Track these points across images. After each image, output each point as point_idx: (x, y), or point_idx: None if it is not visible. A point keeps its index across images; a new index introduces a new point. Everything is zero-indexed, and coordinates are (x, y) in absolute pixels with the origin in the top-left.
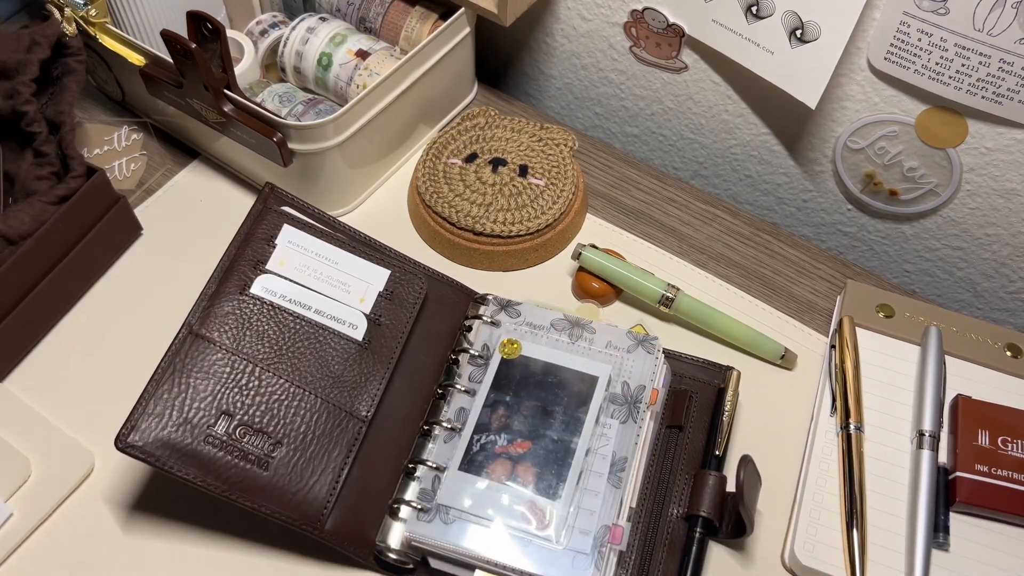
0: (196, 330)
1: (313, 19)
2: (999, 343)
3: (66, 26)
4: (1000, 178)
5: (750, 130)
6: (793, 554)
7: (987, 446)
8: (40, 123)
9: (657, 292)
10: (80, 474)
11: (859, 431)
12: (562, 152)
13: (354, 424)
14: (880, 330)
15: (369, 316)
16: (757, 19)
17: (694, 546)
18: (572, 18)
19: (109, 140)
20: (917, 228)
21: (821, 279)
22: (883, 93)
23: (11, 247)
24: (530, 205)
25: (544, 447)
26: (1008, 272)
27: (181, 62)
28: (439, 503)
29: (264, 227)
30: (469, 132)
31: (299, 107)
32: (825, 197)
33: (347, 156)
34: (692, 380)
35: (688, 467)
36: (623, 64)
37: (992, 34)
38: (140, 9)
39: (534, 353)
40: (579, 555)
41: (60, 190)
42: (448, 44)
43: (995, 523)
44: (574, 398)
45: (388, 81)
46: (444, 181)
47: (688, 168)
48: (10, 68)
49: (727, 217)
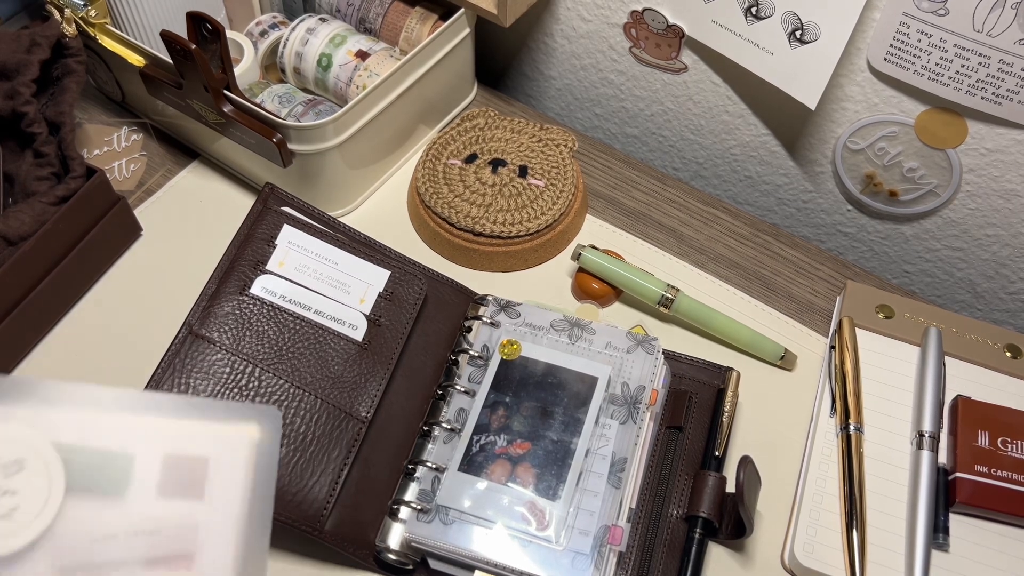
0: (196, 330)
1: (313, 20)
2: (999, 344)
3: (66, 27)
4: (1000, 179)
5: (750, 131)
6: (793, 555)
7: (987, 447)
8: (40, 124)
9: (657, 293)
10: None
11: (859, 432)
12: (562, 153)
13: (354, 425)
14: (880, 331)
15: (369, 317)
16: (757, 20)
17: (694, 547)
18: (572, 19)
19: (109, 141)
20: (917, 229)
21: (821, 280)
22: (883, 94)
23: (11, 248)
24: (530, 206)
25: (544, 448)
26: (1008, 273)
27: (181, 63)
28: (439, 504)
29: (264, 227)
30: (469, 133)
31: (299, 108)
32: (825, 198)
33: (347, 157)
34: (692, 381)
35: (688, 468)
36: (623, 65)
37: (992, 35)
38: (140, 10)
39: (534, 354)
40: (579, 556)
41: (60, 191)
42: (448, 45)
43: (995, 524)
44: (574, 399)
45: (388, 82)
46: (444, 182)
47: (688, 169)
48: (10, 69)
49: (727, 218)
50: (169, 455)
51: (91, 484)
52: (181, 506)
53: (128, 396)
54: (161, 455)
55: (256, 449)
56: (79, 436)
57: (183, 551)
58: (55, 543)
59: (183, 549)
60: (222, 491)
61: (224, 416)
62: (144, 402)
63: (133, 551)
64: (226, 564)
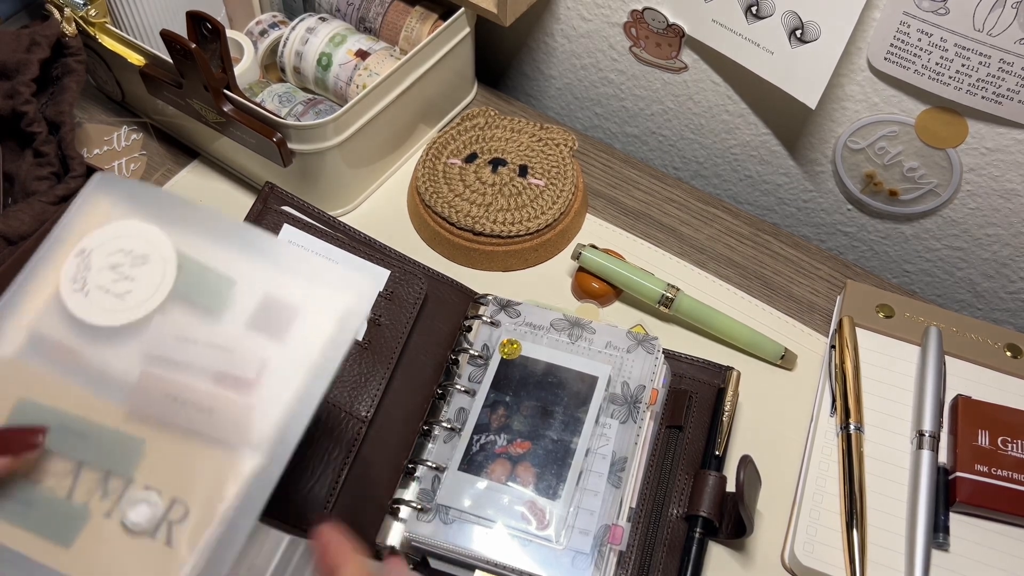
0: None
1: (313, 19)
2: (999, 343)
3: (66, 26)
4: (1000, 178)
5: (750, 130)
6: (793, 554)
7: (987, 446)
8: (40, 123)
9: (657, 292)
10: None
11: (859, 431)
12: (562, 152)
13: (354, 424)
14: (880, 330)
15: (369, 316)
16: (757, 19)
17: (694, 546)
18: (572, 18)
19: (109, 140)
20: (917, 228)
21: (821, 279)
22: (883, 93)
23: (11, 247)
24: (530, 205)
25: (544, 447)
26: (1008, 272)
27: (181, 62)
28: (439, 503)
29: (264, 227)
30: (469, 132)
31: (299, 107)
32: (825, 197)
33: (347, 156)
34: (692, 380)
35: (688, 467)
36: (623, 64)
37: (992, 34)
38: (140, 9)
39: (534, 353)
40: (579, 555)
41: (60, 190)
42: (448, 44)
43: (995, 523)
44: (574, 398)
45: (388, 81)
46: (444, 181)
47: (688, 168)
48: (10, 68)
49: (727, 217)
50: (268, 295)
51: (194, 295)
52: (261, 340)
53: (253, 234)
54: (261, 292)
55: (339, 321)
56: (199, 252)
57: (248, 378)
58: (148, 331)
59: (249, 376)
60: (299, 343)
61: (326, 280)
62: (265, 244)
63: (206, 360)
64: (280, 403)
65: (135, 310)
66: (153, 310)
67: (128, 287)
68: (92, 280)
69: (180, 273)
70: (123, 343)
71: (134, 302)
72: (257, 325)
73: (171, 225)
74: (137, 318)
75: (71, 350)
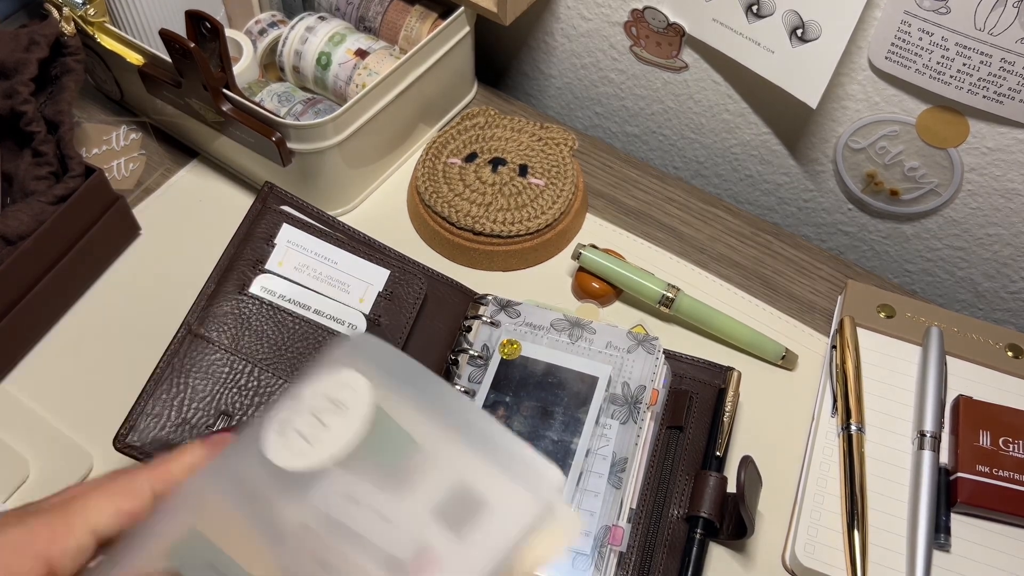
0: (195, 330)
1: (312, 18)
2: (1000, 343)
3: (64, 25)
4: (1001, 178)
5: (751, 130)
6: (794, 555)
7: (988, 447)
8: (38, 123)
9: (657, 292)
10: (78, 474)
11: (860, 432)
12: (562, 152)
13: None
14: (881, 330)
15: (368, 316)
16: (758, 18)
17: (694, 547)
18: (572, 17)
19: (108, 140)
20: (918, 228)
21: (822, 279)
22: (884, 92)
23: (9, 247)
24: (530, 205)
25: (544, 448)
26: (1009, 272)
27: (180, 61)
28: None
29: (263, 226)
30: (469, 132)
31: (298, 107)
32: (826, 197)
33: (346, 156)
34: (692, 380)
35: (688, 468)
36: (623, 63)
37: (993, 33)
38: (139, 8)
39: (534, 353)
40: (579, 556)
41: (58, 190)
42: (447, 43)
43: (996, 524)
44: (574, 399)
45: (387, 80)
46: (444, 181)
47: (688, 168)
48: (8, 67)
49: (728, 217)
50: (461, 482)
51: (379, 459)
52: (438, 529)
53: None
54: (455, 478)
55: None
56: (400, 416)
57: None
58: (320, 482)
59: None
60: (479, 545)
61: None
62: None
63: (375, 534)
64: None
65: (314, 459)
66: (333, 463)
67: (317, 434)
68: (292, 421)
69: (372, 435)
70: (292, 487)
71: (318, 450)
72: (441, 511)
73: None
74: (314, 466)
75: (254, 489)
